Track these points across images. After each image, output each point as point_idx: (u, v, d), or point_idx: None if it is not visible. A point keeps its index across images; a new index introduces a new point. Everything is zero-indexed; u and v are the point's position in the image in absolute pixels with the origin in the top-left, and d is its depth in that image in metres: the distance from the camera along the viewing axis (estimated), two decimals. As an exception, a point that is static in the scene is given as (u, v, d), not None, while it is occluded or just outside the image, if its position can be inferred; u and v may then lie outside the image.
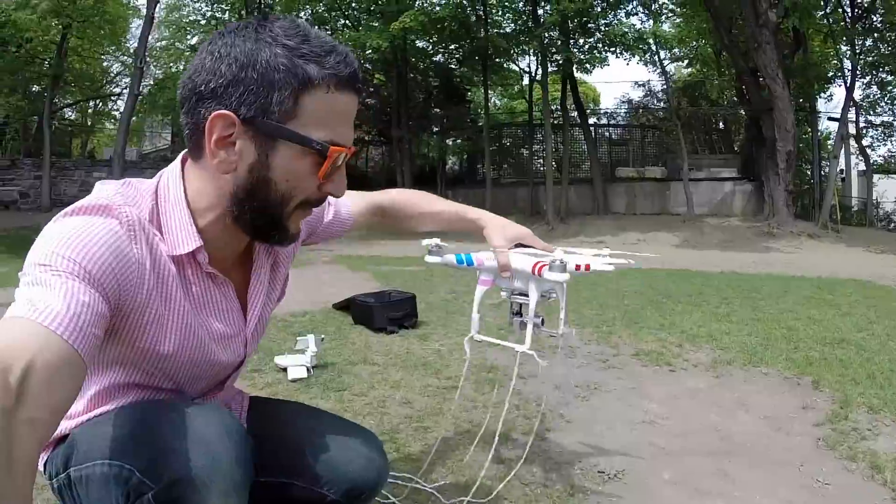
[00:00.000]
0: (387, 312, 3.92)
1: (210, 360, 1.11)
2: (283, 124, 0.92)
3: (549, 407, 2.61)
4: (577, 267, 1.49)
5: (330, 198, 1.15)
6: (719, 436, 2.35)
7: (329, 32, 19.87)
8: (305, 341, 3.05)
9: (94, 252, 0.85)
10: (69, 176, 17.46)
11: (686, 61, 22.44)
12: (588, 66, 17.19)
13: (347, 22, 19.54)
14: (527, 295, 1.49)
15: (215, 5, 21.63)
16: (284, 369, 2.96)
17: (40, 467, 1.10)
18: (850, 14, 16.32)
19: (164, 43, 22.61)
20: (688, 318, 4.57)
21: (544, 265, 1.40)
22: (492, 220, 1.55)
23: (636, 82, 30.06)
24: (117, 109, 24.12)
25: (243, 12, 20.31)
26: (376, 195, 1.56)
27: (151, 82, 21.40)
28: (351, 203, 1.49)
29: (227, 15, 21.74)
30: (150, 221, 0.98)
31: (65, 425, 1.08)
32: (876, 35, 16.34)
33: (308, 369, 2.94)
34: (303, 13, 20.37)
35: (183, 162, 1.04)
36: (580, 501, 1.80)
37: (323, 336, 3.32)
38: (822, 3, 15.76)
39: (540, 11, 17.14)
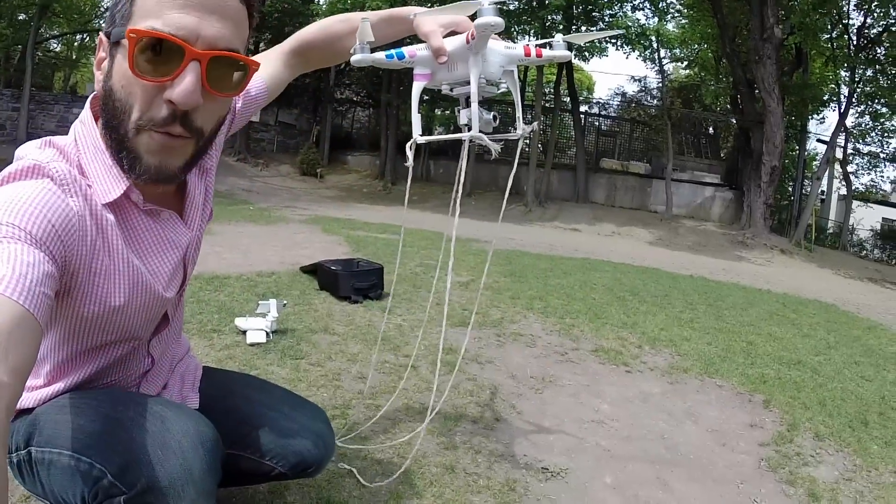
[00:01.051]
0: (353, 281, 3.89)
1: (159, 302, 1.10)
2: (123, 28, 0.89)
3: (502, 396, 2.62)
4: (528, 52, 1.40)
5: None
6: (665, 444, 2.37)
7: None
8: (267, 305, 3.02)
9: (33, 213, 0.82)
10: (48, 110, 17.10)
11: (685, 63, 22.40)
12: (587, 54, 17.09)
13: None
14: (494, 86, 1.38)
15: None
16: (244, 332, 2.93)
17: None
18: (854, 42, 16.43)
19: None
20: (651, 318, 4.61)
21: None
22: (422, 9, 1.39)
23: (633, 76, 30.08)
24: (103, 44, 23.66)
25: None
26: (283, 45, 1.43)
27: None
28: (261, 72, 1.36)
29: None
30: (81, 173, 0.96)
31: (26, 398, 1.07)
32: (878, 67, 16.45)
33: (267, 334, 2.91)
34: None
35: (92, 106, 1.01)
36: (519, 497, 1.80)
37: (285, 302, 3.29)
38: (828, 27, 15.85)
39: (546, -8, 17.02)
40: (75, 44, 24.70)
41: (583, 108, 21.30)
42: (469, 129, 1.41)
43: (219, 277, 4.12)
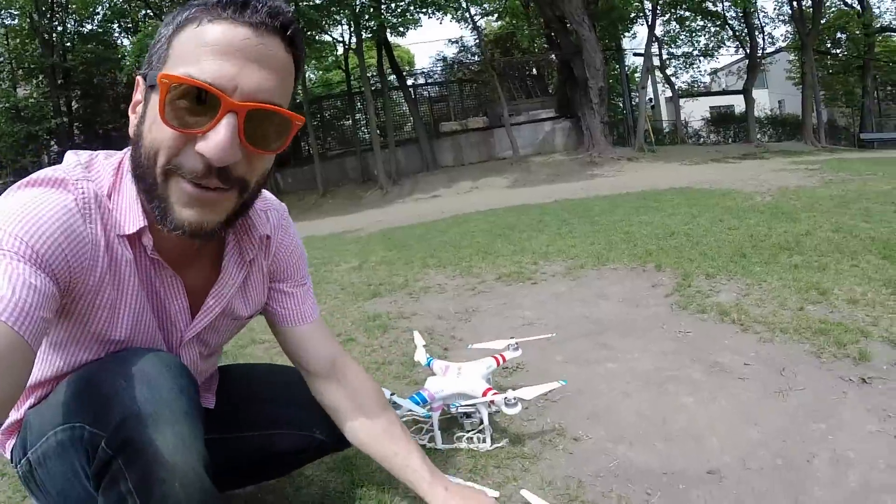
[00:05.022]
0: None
1: (158, 346, 1.07)
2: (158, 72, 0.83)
3: (439, 332, 2.79)
4: (497, 362, 1.79)
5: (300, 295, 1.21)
6: (590, 321, 2.65)
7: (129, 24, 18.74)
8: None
9: (44, 231, 0.79)
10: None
11: (496, 15, 23.13)
12: (401, 29, 17.28)
13: (149, 12, 18.48)
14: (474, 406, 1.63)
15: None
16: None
17: (7, 456, 1.08)
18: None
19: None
20: (535, 241, 4.94)
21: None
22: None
23: (449, 40, 30.71)
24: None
25: None
26: (346, 358, 1.30)
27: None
28: (318, 332, 1.27)
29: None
30: (109, 197, 0.92)
31: (17, 415, 1.06)
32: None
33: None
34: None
35: None
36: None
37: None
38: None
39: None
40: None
41: (409, 82, 21.59)
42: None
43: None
